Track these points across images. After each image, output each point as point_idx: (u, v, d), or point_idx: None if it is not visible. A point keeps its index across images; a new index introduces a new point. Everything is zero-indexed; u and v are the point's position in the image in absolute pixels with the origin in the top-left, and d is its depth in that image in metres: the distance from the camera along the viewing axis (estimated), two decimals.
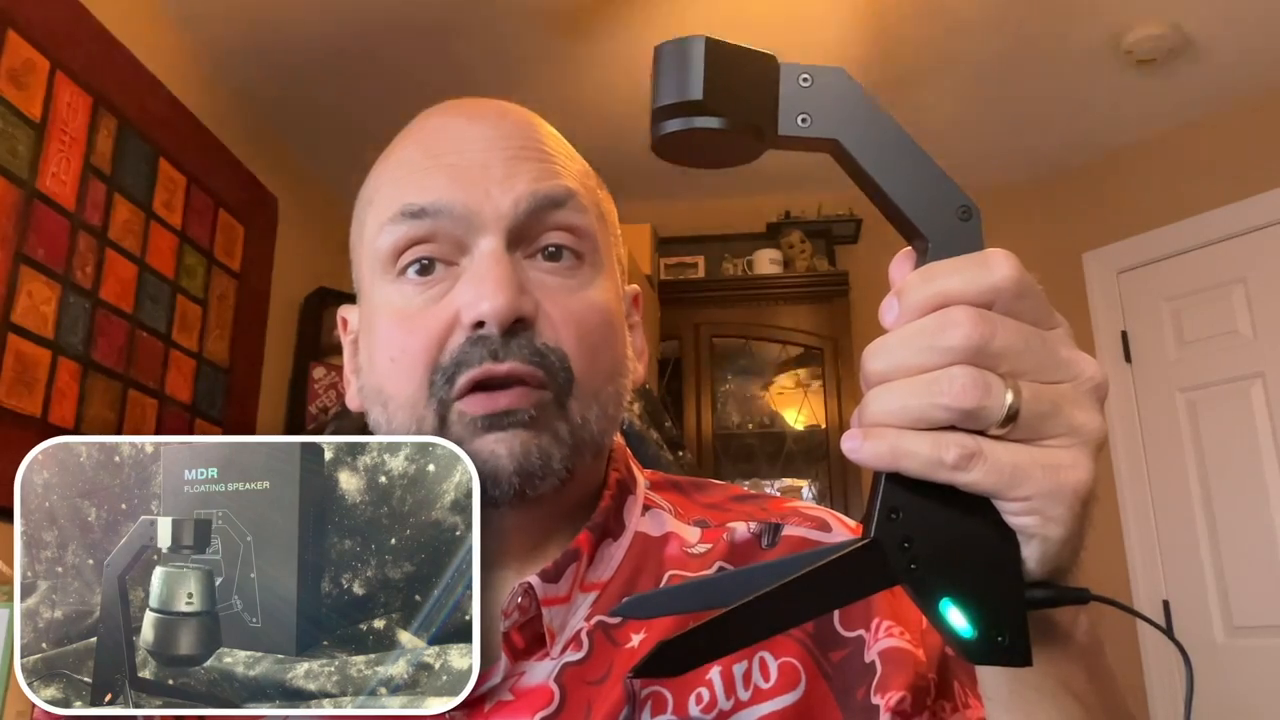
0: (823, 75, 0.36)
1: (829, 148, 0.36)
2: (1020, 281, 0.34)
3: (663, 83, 0.35)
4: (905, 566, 0.35)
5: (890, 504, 0.35)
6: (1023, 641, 0.35)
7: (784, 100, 0.36)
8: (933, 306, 0.34)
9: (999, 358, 0.33)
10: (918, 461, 0.33)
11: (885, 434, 0.34)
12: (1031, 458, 0.34)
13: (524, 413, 0.53)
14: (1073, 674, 0.41)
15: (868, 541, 0.35)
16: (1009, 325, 0.34)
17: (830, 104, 0.36)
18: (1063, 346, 0.35)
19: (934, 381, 0.33)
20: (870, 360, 0.35)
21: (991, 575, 0.35)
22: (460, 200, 0.55)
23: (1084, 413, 0.35)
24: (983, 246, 0.35)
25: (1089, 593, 0.37)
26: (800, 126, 0.36)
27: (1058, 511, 0.34)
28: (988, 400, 0.33)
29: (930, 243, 0.35)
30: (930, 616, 0.35)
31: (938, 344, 0.33)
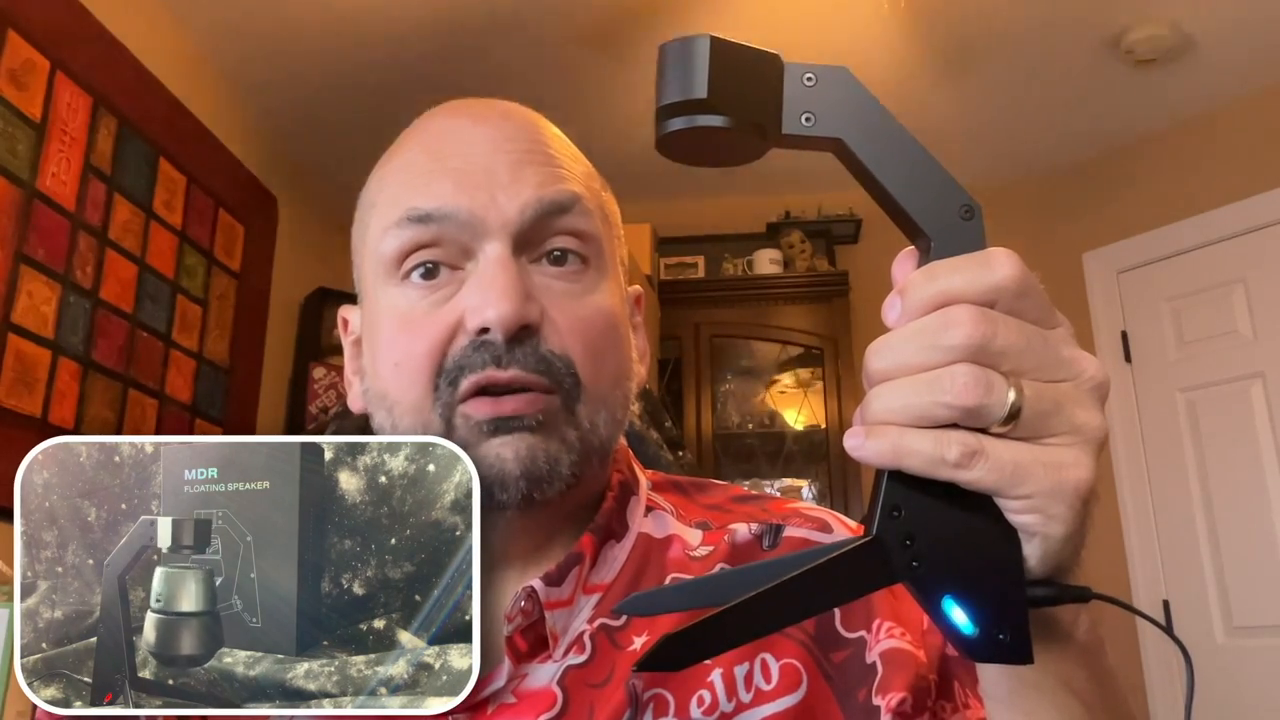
0: (827, 75, 0.36)
1: (833, 147, 0.36)
2: (1022, 280, 0.34)
3: (667, 81, 0.35)
4: (907, 564, 0.35)
5: (892, 502, 0.35)
6: (1025, 639, 0.35)
7: (788, 99, 0.36)
8: (935, 305, 0.34)
9: (1001, 356, 0.33)
10: (920, 459, 0.34)
11: (888, 432, 0.34)
12: (1033, 456, 0.34)
13: (530, 418, 0.53)
14: (1074, 672, 0.41)
15: (870, 539, 0.35)
16: (1011, 324, 0.34)
17: (834, 103, 0.36)
18: (1064, 345, 0.35)
19: (936, 380, 0.33)
20: (873, 358, 0.35)
21: (993, 573, 0.35)
22: (466, 206, 0.55)
23: (1085, 411, 0.35)
24: (985, 245, 0.35)
25: (1090, 591, 0.37)
26: (804, 125, 0.36)
27: (1059, 510, 0.34)
28: (990, 398, 0.33)
29: (933, 242, 0.35)
30: (932, 614, 0.35)
31: (940, 342, 0.33)
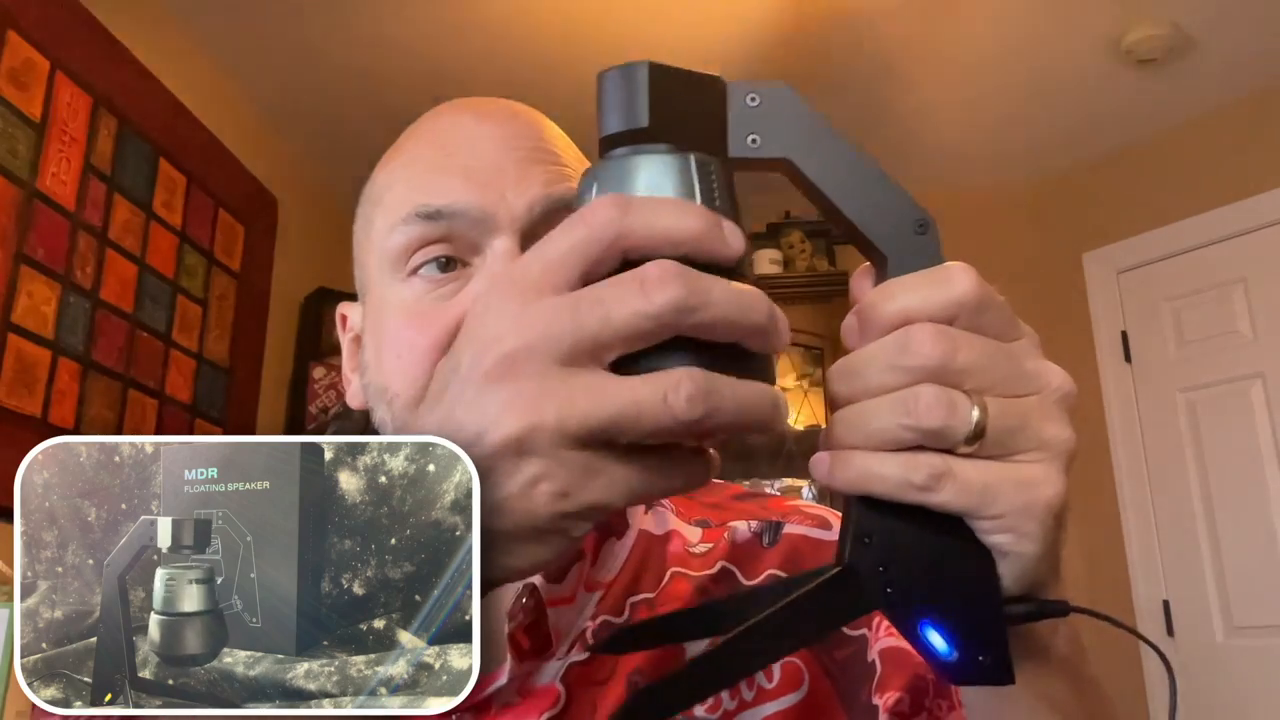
0: (770, 94, 0.35)
1: (781, 167, 0.36)
2: (980, 294, 0.33)
3: (608, 111, 0.34)
4: (882, 591, 0.34)
5: (863, 529, 0.34)
6: (1005, 659, 0.35)
7: (733, 121, 0.35)
8: (894, 325, 0.33)
9: (963, 374, 0.33)
10: (887, 484, 0.33)
11: (853, 457, 0.33)
12: (1002, 475, 0.33)
13: None
14: (1053, 685, 0.40)
15: (841, 569, 0.34)
16: (972, 341, 0.33)
17: (779, 123, 0.35)
18: (1028, 358, 0.35)
19: (898, 402, 0.33)
20: (834, 382, 0.34)
21: (969, 595, 0.34)
22: (476, 202, 0.55)
23: (1053, 425, 0.34)
24: (941, 260, 0.35)
25: (1069, 605, 0.36)
26: (750, 147, 0.35)
27: (1031, 528, 0.33)
28: (953, 419, 0.32)
29: (888, 259, 0.35)
30: (910, 640, 0.35)
31: (900, 363, 0.33)
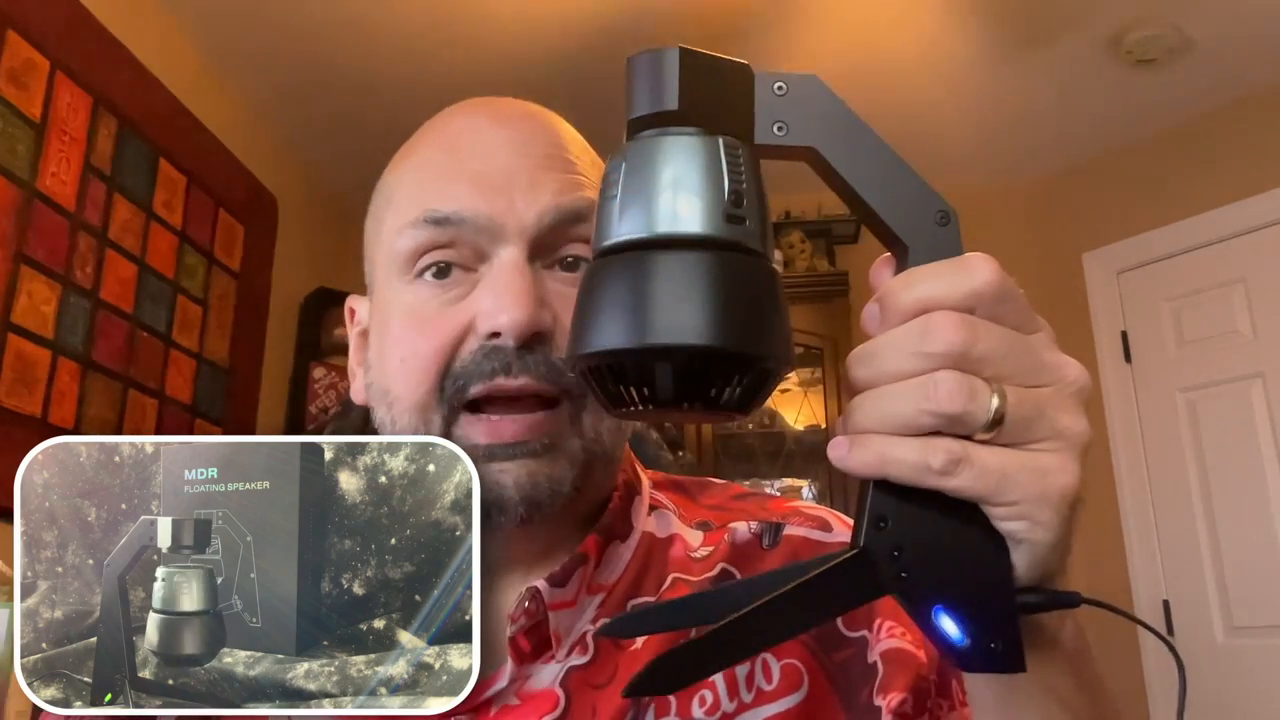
0: (798, 83, 0.36)
1: (806, 156, 0.36)
2: (1001, 285, 0.34)
3: (637, 94, 0.35)
4: (895, 576, 0.34)
5: (878, 512, 0.35)
6: (1016, 648, 0.35)
7: (760, 109, 0.36)
8: (915, 312, 0.34)
9: (983, 362, 0.33)
10: (905, 468, 0.33)
11: (872, 440, 0.34)
12: (1019, 462, 0.33)
13: (534, 443, 0.53)
14: (1060, 680, 0.40)
15: (856, 552, 0.35)
16: (992, 330, 0.34)
17: (806, 112, 0.36)
18: (1045, 350, 0.35)
19: (919, 387, 0.33)
20: (855, 367, 0.35)
21: (982, 582, 0.35)
22: (484, 210, 0.54)
23: (1068, 416, 0.34)
24: (961, 251, 0.35)
25: (1080, 596, 0.37)
26: (776, 135, 0.36)
27: (1046, 516, 0.34)
28: (973, 405, 0.33)
29: (910, 248, 0.35)
30: (922, 625, 0.35)
31: (921, 349, 0.33)
